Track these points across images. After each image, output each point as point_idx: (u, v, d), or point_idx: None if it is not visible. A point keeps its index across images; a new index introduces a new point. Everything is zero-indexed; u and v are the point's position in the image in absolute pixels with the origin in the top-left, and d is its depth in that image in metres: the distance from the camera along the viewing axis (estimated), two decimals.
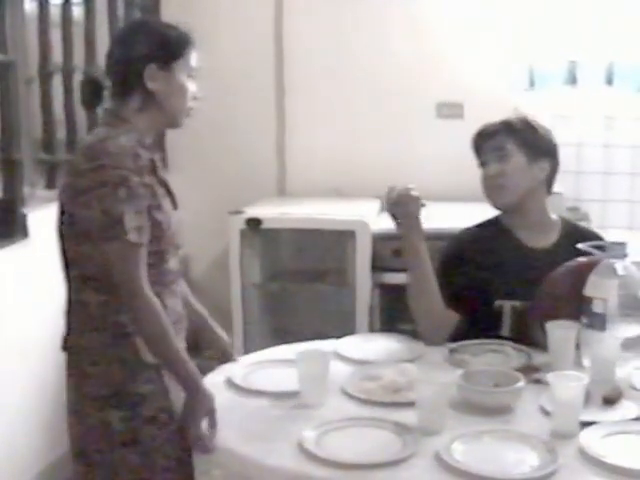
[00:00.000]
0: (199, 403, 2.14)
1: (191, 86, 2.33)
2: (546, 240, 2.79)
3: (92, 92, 2.36)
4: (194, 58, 2.33)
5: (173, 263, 2.31)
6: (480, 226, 2.86)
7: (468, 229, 2.88)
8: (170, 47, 2.28)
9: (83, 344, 2.24)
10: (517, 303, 2.67)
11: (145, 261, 2.15)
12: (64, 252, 2.29)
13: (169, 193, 2.34)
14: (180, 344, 2.23)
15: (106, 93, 2.33)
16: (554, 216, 2.85)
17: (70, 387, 2.29)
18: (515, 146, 2.73)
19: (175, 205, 2.36)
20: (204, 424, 2.12)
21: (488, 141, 2.77)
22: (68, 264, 2.28)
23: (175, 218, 2.32)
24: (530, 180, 2.76)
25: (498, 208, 2.80)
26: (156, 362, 2.20)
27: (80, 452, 2.28)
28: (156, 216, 2.21)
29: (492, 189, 2.76)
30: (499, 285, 2.68)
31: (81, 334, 2.25)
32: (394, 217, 2.68)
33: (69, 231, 2.24)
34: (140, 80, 2.25)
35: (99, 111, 2.39)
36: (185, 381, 2.17)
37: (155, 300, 2.15)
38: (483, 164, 2.78)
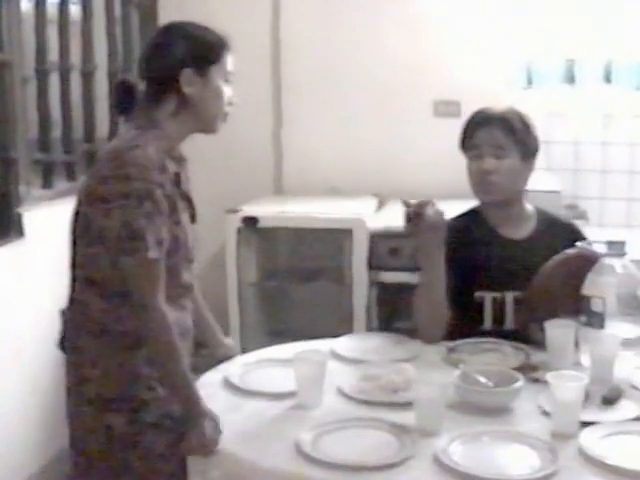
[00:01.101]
0: (201, 430, 2.06)
1: (227, 91, 2.30)
2: (523, 231, 2.80)
3: (124, 95, 2.29)
4: (230, 62, 2.31)
5: (186, 277, 2.28)
6: (457, 218, 2.82)
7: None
8: (207, 51, 2.26)
9: (81, 347, 2.22)
10: (497, 294, 2.69)
11: (164, 274, 2.13)
12: (73, 251, 2.26)
13: (190, 206, 2.32)
14: (185, 359, 2.19)
15: (139, 96, 2.28)
16: (529, 207, 2.85)
17: (69, 388, 2.26)
18: (512, 145, 2.71)
19: (194, 219, 2.33)
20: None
21: (483, 132, 2.72)
22: (75, 263, 2.26)
23: (192, 232, 2.29)
24: (520, 179, 2.77)
25: (484, 202, 2.80)
26: (154, 375, 2.17)
27: (80, 455, 2.26)
28: (175, 231, 2.18)
29: (483, 184, 2.73)
30: (479, 277, 2.68)
31: (78, 335, 2.22)
32: (414, 229, 2.61)
33: (82, 233, 2.20)
34: (176, 84, 2.22)
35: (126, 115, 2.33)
36: (186, 406, 2.13)
37: (168, 318, 2.11)
38: (476, 156, 2.73)
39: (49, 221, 2.28)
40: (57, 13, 3.93)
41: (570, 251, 2.57)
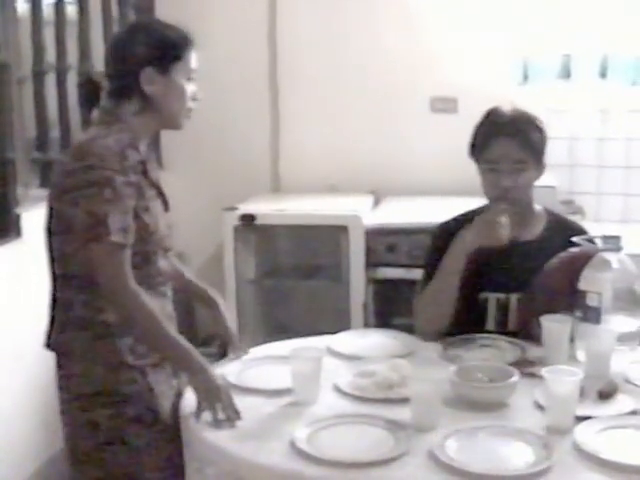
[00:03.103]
0: (209, 385, 2.13)
1: (190, 87, 2.30)
2: (531, 232, 2.76)
3: (90, 92, 2.34)
4: (194, 60, 2.30)
5: (162, 264, 2.31)
6: (464, 217, 2.78)
7: (454, 219, 2.83)
8: (169, 50, 2.26)
9: (66, 342, 2.24)
10: (501, 296, 2.68)
11: (130, 261, 2.15)
12: (51, 250, 2.29)
13: (161, 195, 2.34)
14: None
15: (104, 93, 2.31)
16: (538, 207, 2.82)
17: (58, 386, 2.30)
18: (530, 157, 2.65)
19: (167, 207, 2.35)
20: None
21: (499, 145, 2.64)
22: (54, 262, 2.29)
23: (165, 220, 2.32)
24: (533, 185, 2.73)
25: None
26: (139, 363, 2.22)
27: (72, 451, 2.29)
28: (143, 218, 2.20)
29: (501, 199, 2.65)
30: (483, 278, 2.66)
31: (63, 332, 2.25)
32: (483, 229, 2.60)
33: (55, 229, 2.24)
34: (138, 83, 2.24)
35: (95, 111, 2.36)
36: (190, 367, 2.17)
37: (142, 294, 2.14)
38: (493, 169, 2.66)
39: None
40: (53, 14, 3.93)
41: (573, 250, 2.55)
